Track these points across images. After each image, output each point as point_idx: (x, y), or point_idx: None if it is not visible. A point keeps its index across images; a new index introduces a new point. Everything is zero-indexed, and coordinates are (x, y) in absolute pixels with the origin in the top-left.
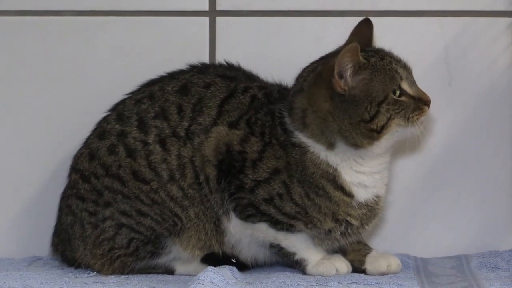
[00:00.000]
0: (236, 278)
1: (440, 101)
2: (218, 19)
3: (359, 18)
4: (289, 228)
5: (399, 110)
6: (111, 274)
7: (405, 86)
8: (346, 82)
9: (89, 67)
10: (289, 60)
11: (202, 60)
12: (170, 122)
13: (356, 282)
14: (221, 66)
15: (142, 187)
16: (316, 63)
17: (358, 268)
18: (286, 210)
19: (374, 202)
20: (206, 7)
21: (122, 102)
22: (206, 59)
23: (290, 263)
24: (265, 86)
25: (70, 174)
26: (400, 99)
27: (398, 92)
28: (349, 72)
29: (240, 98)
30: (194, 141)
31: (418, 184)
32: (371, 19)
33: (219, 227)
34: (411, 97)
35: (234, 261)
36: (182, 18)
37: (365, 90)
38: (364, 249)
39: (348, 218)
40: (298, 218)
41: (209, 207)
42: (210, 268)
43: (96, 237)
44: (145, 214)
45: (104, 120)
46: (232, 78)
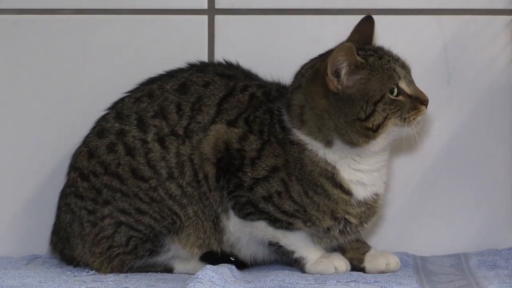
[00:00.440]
0: (235, 276)
1: (439, 99)
2: (217, 18)
3: (358, 16)
4: (288, 226)
5: (396, 110)
6: (110, 273)
7: (403, 85)
8: (341, 81)
9: (88, 65)
10: (288, 58)
11: (201, 58)
12: (169, 121)
13: (355, 281)
14: (220, 64)
15: (141, 185)
16: (315, 60)
17: (357, 266)
18: (284, 208)
19: (373, 200)
20: (205, 6)
21: (121, 100)
22: (205, 58)
23: (289, 262)
24: (264, 84)
25: (69, 173)
26: (397, 99)
27: (396, 91)
28: (344, 71)
29: (239, 96)
30: (193, 139)
31: (417, 182)
32: None
33: (218, 225)
34: (409, 96)
35: (233, 259)
36: (181, 16)
37: (361, 90)
38: (363, 247)
39: (347, 216)
40: (296, 216)
41: (208, 205)
42: (209, 266)
43: (95, 235)
44: (144, 212)
45: (103, 118)
46: (231, 77)
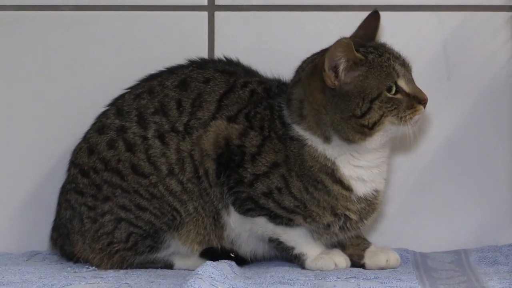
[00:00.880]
0: (235, 272)
1: (439, 95)
2: (217, 14)
3: (358, 13)
4: (288, 222)
5: (392, 108)
6: (110, 269)
7: (401, 83)
8: (339, 77)
9: (88, 62)
10: (288, 55)
11: (200, 55)
12: (170, 117)
13: (355, 277)
14: (220, 61)
15: (141, 181)
16: (316, 55)
17: (357, 262)
18: (285, 204)
19: (373, 196)
20: (205, 2)
21: (122, 97)
22: (205, 54)
23: (289, 258)
24: (264, 81)
25: (69, 169)
26: (394, 97)
27: (394, 89)
28: (342, 67)
29: (239, 92)
30: (193, 135)
31: (417, 178)
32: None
33: (218, 222)
34: (407, 94)
35: (233, 255)
36: (181, 12)
37: (359, 86)
38: (363, 243)
39: (347, 213)
40: (297, 212)
41: (208, 201)
42: (209, 262)
43: (95, 231)
44: (144, 209)
45: (103, 114)
46: (231, 73)
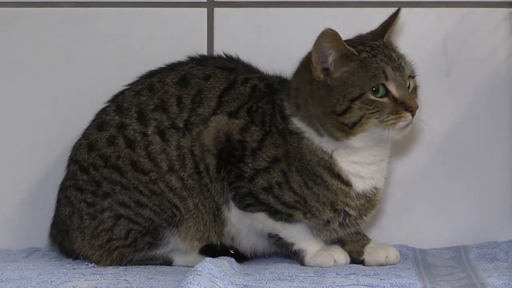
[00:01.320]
0: (234, 269)
1: (438, 92)
2: (216, 10)
3: (358, 9)
4: (287, 218)
5: (374, 111)
6: (109, 265)
7: (391, 87)
8: (329, 70)
9: (87, 58)
10: (287, 51)
11: (200, 51)
12: (170, 114)
13: (354, 273)
14: (220, 57)
15: (141, 178)
16: None
17: (357, 259)
18: (285, 199)
19: (372, 193)
20: None
21: (121, 93)
22: (204, 51)
23: (288, 254)
24: (265, 77)
25: (68, 165)
26: (378, 100)
27: (382, 91)
28: (331, 58)
29: (240, 89)
30: (193, 131)
31: (417, 174)
32: (368, 10)
33: (219, 218)
34: (394, 99)
35: (232, 252)
36: (180, 9)
37: (343, 83)
38: (362, 240)
39: (346, 209)
40: (297, 207)
41: (208, 197)
42: (208, 259)
43: (94, 228)
44: (143, 205)
45: (103, 111)
46: (231, 70)
